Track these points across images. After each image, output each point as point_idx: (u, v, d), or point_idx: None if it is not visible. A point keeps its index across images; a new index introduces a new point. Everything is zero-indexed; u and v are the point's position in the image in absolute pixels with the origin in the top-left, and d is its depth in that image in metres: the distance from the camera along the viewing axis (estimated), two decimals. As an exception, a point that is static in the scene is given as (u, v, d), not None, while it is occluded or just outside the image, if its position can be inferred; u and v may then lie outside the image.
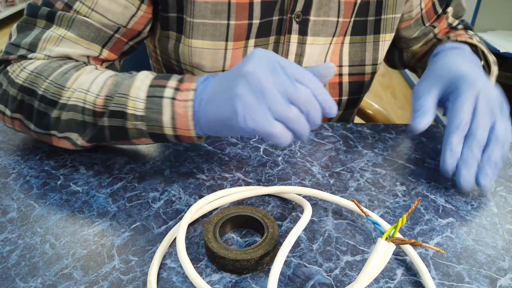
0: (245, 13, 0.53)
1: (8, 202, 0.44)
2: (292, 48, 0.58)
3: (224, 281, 0.36)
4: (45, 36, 0.50)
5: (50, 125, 0.47)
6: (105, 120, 0.45)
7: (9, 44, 0.51)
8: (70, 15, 0.50)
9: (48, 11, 0.50)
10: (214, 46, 0.55)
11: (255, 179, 0.49)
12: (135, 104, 0.44)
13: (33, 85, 0.47)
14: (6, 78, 0.48)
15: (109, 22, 0.52)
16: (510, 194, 0.47)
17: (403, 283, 0.36)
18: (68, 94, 0.46)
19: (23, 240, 0.40)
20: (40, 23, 0.51)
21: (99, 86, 0.46)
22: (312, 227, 0.42)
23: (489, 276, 0.37)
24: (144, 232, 0.41)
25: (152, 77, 0.46)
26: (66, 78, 0.47)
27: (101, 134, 0.46)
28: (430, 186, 0.48)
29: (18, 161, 0.51)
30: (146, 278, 0.36)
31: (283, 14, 0.55)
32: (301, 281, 0.36)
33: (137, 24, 0.54)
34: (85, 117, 0.46)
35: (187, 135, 0.44)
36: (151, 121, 0.44)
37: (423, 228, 0.42)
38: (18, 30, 0.51)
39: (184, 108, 0.43)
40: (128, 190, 0.46)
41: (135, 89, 0.44)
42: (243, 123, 0.38)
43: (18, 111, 0.48)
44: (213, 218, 0.40)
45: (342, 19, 0.57)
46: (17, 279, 0.36)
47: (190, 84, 0.44)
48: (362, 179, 0.49)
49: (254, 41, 0.56)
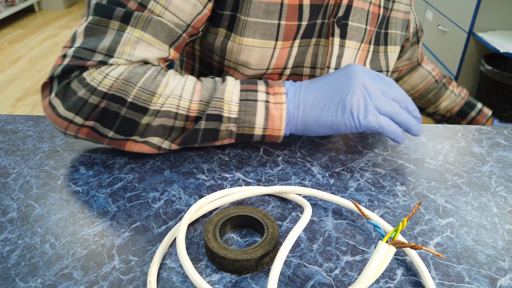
0: (295, 14, 0.55)
1: (8, 202, 0.44)
2: (335, 50, 0.60)
3: (224, 281, 0.36)
4: (123, 39, 0.48)
5: (134, 131, 0.47)
6: (201, 124, 0.48)
7: (78, 49, 0.47)
8: (146, 16, 0.49)
9: (124, 11, 0.48)
10: (264, 45, 0.56)
11: (255, 179, 0.49)
12: (230, 107, 0.48)
13: (121, 92, 0.46)
14: (83, 85, 0.46)
15: (179, 22, 0.51)
16: (510, 194, 0.47)
17: (403, 283, 0.36)
18: (161, 100, 0.47)
19: (23, 240, 0.40)
20: (114, 25, 0.48)
21: (190, 92, 0.48)
22: (312, 227, 0.42)
23: (489, 276, 0.37)
24: (144, 232, 0.41)
25: (239, 82, 0.50)
26: (156, 84, 0.47)
27: (194, 137, 0.49)
28: (430, 186, 0.48)
29: (18, 161, 0.51)
30: (146, 278, 0.36)
31: (325, 18, 0.58)
32: (301, 281, 0.36)
33: (198, 22, 0.54)
34: (176, 122, 0.48)
35: (275, 134, 0.50)
36: (243, 123, 0.49)
37: (423, 228, 0.42)
38: (87, 33, 0.48)
39: (279, 110, 0.49)
40: (128, 190, 0.46)
41: (228, 94, 0.48)
42: (357, 122, 0.48)
43: (94, 119, 0.47)
44: (213, 218, 0.40)
45: (369, 27, 0.61)
46: (17, 279, 0.36)
47: (279, 89, 0.50)
48: (362, 179, 0.49)
49: (299, 41, 0.58)
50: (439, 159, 0.53)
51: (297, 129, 0.51)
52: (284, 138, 0.57)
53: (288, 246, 0.35)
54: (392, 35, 0.66)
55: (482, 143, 0.57)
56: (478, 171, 0.51)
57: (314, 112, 0.49)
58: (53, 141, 0.55)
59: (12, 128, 0.58)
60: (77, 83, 0.46)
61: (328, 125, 0.49)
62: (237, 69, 0.59)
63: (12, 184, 0.47)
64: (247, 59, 0.57)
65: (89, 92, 0.46)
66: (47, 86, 0.48)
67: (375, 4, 0.61)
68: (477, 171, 0.51)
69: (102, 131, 0.48)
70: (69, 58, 0.47)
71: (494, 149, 0.56)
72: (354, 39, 0.61)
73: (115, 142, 0.49)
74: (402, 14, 0.67)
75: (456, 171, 0.51)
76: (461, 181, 0.49)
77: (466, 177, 0.50)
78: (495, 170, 0.51)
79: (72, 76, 0.46)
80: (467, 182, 0.49)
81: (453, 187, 0.48)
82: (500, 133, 0.60)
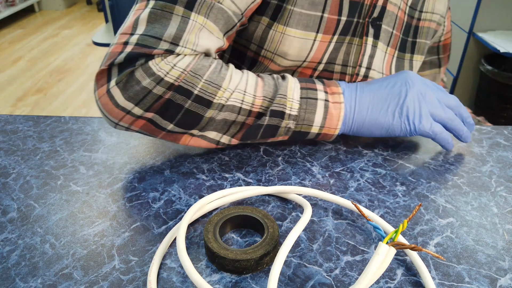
0: (336, 8, 0.55)
1: (8, 202, 0.44)
2: (368, 49, 0.61)
3: (224, 281, 0.36)
4: (188, 27, 0.46)
5: (196, 124, 0.47)
6: (265, 119, 0.48)
7: (143, 36, 0.45)
8: (209, 2, 0.47)
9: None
10: (305, 36, 0.56)
11: (255, 179, 0.49)
12: (292, 104, 0.49)
13: (188, 84, 0.45)
14: (148, 74, 0.44)
15: (236, 9, 0.50)
16: (510, 194, 0.47)
17: (403, 283, 0.36)
18: (226, 94, 0.46)
19: (23, 240, 0.40)
20: (178, 11, 0.46)
21: (253, 87, 0.48)
22: (312, 227, 0.42)
23: (489, 276, 0.37)
24: (144, 232, 0.41)
25: (298, 80, 0.51)
26: (221, 78, 0.47)
27: (255, 133, 0.49)
28: (430, 186, 0.48)
29: (18, 161, 0.51)
30: (146, 278, 0.36)
31: (360, 17, 0.58)
32: (301, 281, 0.36)
33: (249, 11, 0.53)
34: (238, 116, 0.48)
35: (330, 133, 0.52)
36: (302, 120, 0.49)
37: (423, 228, 0.42)
38: (151, 19, 0.46)
39: (338, 109, 0.50)
40: (128, 190, 0.46)
41: (291, 91, 0.49)
42: (412, 127, 0.50)
43: (155, 110, 0.45)
44: (213, 218, 0.40)
45: (395, 32, 0.62)
46: (17, 279, 0.36)
47: (336, 88, 0.51)
48: (362, 179, 0.49)
49: (337, 37, 0.58)
50: (439, 159, 0.53)
51: (351, 129, 0.52)
52: (284, 138, 0.57)
53: (288, 246, 0.35)
54: (420, 44, 0.66)
55: (482, 143, 0.57)
56: (478, 171, 0.51)
57: (370, 114, 0.51)
58: (53, 141, 0.55)
59: (12, 128, 0.58)
60: (142, 72, 0.44)
61: (383, 127, 0.51)
62: (274, 59, 0.58)
63: (12, 184, 0.47)
64: (287, 50, 0.56)
65: (154, 82, 0.44)
66: (103, 74, 0.46)
67: (402, 10, 0.61)
68: (477, 171, 0.51)
69: (161, 123, 0.47)
70: (132, 46, 0.45)
71: (494, 149, 0.56)
72: (382, 40, 0.61)
73: (171, 136, 0.48)
74: (435, 25, 0.67)
75: (456, 171, 0.51)
76: (461, 181, 0.49)
77: (466, 177, 0.50)
78: (495, 170, 0.51)
79: (136, 64, 0.44)
80: (467, 182, 0.49)
81: (453, 187, 0.48)
82: (500, 133, 0.60)
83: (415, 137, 0.58)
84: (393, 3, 0.59)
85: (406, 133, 0.51)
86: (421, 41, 0.66)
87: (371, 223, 0.35)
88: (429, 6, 0.64)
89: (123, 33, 0.46)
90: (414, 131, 0.50)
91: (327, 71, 0.61)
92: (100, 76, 0.46)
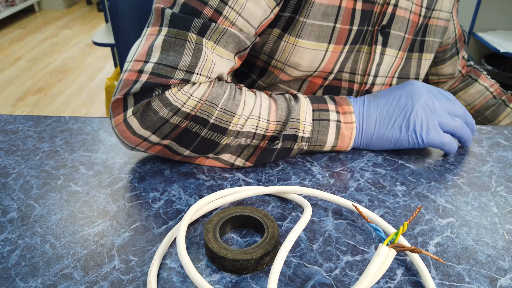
0: (349, 18, 0.55)
1: (8, 202, 0.44)
2: (376, 57, 0.61)
3: (224, 281, 0.36)
4: (203, 54, 0.46)
5: (211, 150, 0.48)
6: (278, 143, 0.49)
7: (158, 65, 0.44)
8: (222, 28, 0.47)
9: (201, 23, 0.46)
10: (317, 47, 0.56)
11: (255, 179, 0.49)
12: (305, 127, 0.50)
13: (204, 113, 0.45)
14: (165, 105, 0.44)
15: (250, 28, 0.50)
16: (510, 194, 0.47)
17: (403, 283, 0.36)
18: (241, 121, 0.47)
19: (23, 240, 0.40)
20: (192, 38, 0.46)
21: (267, 112, 0.49)
22: (312, 227, 0.42)
23: (489, 276, 0.37)
24: (144, 232, 0.41)
25: (310, 100, 0.52)
26: (235, 105, 0.47)
27: (269, 156, 0.50)
28: (430, 186, 0.48)
29: (18, 161, 0.51)
30: (146, 278, 0.36)
31: (369, 25, 0.58)
32: (301, 281, 0.36)
33: (262, 27, 0.53)
34: (252, 141, 0.49)
35: (341, 150, 0.54)
36: (315, 142, 0.51)
37: (423, 228, 0.42)
38: (165, 47, 0.45)
39: (350, 129, 0.51)
40: (128, 190, 0.46)
41: (303, 114, 0.50)
42: (420, 140, 0.50)
43: (172, 138, 0.46)
44: (213, 218, 0.40)
45: (407, 36, 0.62)
46: (17, 279, 0.36)
47: (348, 107, 0.52)
48: (362, 179, 0.49)
49: (348, 47, 0.58)
50: (439, 159, 0.53)
51: (361, 144, 0.53)
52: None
53: (288, 246, 0.35)
54: (429, 43, 0.66)
55: (482, 143, 0.57)
56: (478, 171, 0.51)
57: (378, 129, 0.52)
58: (53, 141, 0.55)
59: (12, 128, 0.58)
60: (159, 102, 0.44)
61: (392, 141, 0.52)
62: (285, 69, 0.58)
63: (12, 184, 0.47)
64: (298, 61, 0.56)
65: (171, 112, 0.44)
66: (119, 102, 0.45)
67: (415, 13, 0.61)
68: (477, 171, 0.51)
69: (177, 149, 0.47)
70: (147, 75, 0.44)
71: (494, 149, 0.56)
72: (393, 47, 0.61)
73: (187, 159, 0.50)
74: (443, 22, 0.67)
75: (456, 171, 0.51)
76: (461, 181, 0.49)
77: (466, 177, 0.50)
78: (495, 170, 0.51)
79: (153, 95, 0.44)
80: (467, 182, 0.49)
81: (453, 187, 0.48)
82: (500, 133, 0.60)
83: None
84: (404, 8, 0.59)
85: (415, 146, 0.51)
86: (430, 39, 0.66)
87: (371, 225, 0.35)
88: (438, 4, 0.64)
89: (137, 60, 0.46)
90: (423, 144, 0.51)
91: (336, 79, 0.61)
92: (115, 104, 0.46)
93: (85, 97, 2.55)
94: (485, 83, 0.86)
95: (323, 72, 0.58)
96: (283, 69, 0.58)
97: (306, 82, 0.60)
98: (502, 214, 0.44)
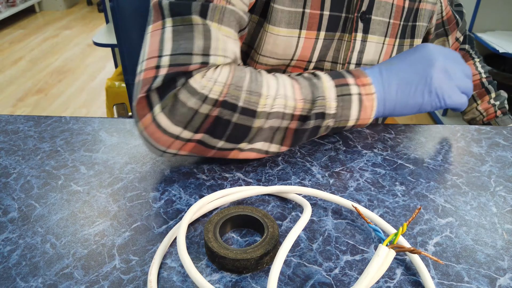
0: (318, 3, 0.55)
1: (9, 202, 0.44)
2: (357, 45, 0.60)
3: (224, 280, 0.36)
4: (212, 34, 0.45)
5: (245, 137, 0.46)
6: (309, 123, 0.48)
7: (173, 56, 0.44)
8: (221, 6, 0.46)
9: (200, 5, 0.45)
10: (289, 34, 0.56)
11: (255, 179, 0.49)
12: (330, 104, 0.49)
13: (232, 98, 0.44)
14: (192, 94, 0.43)
15: (243, 5, 0.50)
16: (509, 194, 0.47)
17: (402, 283, 0.36)
18: (269, 101, 0.46)
19: (24, 240, 0.40)
20: (197, 20, 0.45)
21: (291, 90, 0.48)
22: (312, 226, 0.42)
23: (489, 276, 0.37)
24: (145, 231, 0.41)
25: (330, 77, 0.51)
26: (259, 85, 0.46)
27: (301, 136, 0.50)
28: (430, 186, 0.48)
29: (19, 161, 0.51)
30: (146, 278, 0.36)
31: (349, 12, 0.58)
32: (301, 280, 0.36)
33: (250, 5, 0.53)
34: (282, 122, 0.47)
35: (364, 123, 0.52)
36: (340, 117, 0.50)
37: (423, 227, 0.42)
38: (175, 37, 0.45)
39: (371, 101, 0.51)
40: (129, 190, 0.46)
41: (327, 90, 0.49)
42: (442, 102, 0.52)
43: (204, 130, 0.45)
44: (213, 217, 0.40)
45: (393, 21, 0.62)
46: (18, 279, 0.36)
47: (365, 79, 0.51)
48: (361, 179, 0.49)
49: (324, 34, 0.58)
50: (439, 159, 0.53)
51: (383, 113, 0.53)
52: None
53: (288, 246, 0.36)
54: (419, 27, 0.66)
55: (481, 143, 0.57)
56: (477, 171, 0.51)
57: (400, 98, 0.52)
58: (53, 141, 0.55)
59: (12, 128, 0.58)
60: (185, 92, 0.43)
61: (414, 107, 0.52)
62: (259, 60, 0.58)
63: (13, 184, 0.47)
64: (272, 48, 0.56)
65: (200, 101, 0.43)
66: (142, 102, 0.44)
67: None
68: (476, 171, 0.51)
69: (211, 142, 0.46)
70: (166, 68, 0.43)
71: (493, 149, 0.56)
72: (377, 33, 0.61)
73: (221, 153, 0.48)
74: (430, 5, 0.67)
75: (456, 171, 0.51)
76: (460, 181, 0.49)
77: (465, 177, 0.50)
78: (494, 170, 0.52)
79: (178, 85, 0.43)
80: (466, 182, 0.49)
81: (452, 187, 0.48)
82: (499, 133, 0.60)
83: (414, 137, 0.58)
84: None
85: (437, 108, 0.53)
86: (420, 24, 0.66)
87: (371, 226, 0.35)
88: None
89: (150, 58, 0.45)
90: (445, 105, 0.52)
91: (318, 68, 0.61)
92: (139, 106, 0.44)
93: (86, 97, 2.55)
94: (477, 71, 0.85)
95: (301, 61, 0.58)
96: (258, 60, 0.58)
97: (286, 72, 0.60)
98: (501, 214, 0.44)
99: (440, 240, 0.41)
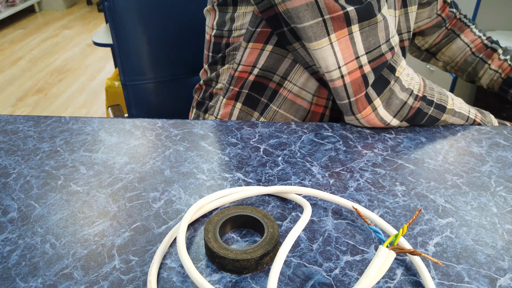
0: None
1: (9, 202, 0.44)
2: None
3: (224, 280, 0.36)
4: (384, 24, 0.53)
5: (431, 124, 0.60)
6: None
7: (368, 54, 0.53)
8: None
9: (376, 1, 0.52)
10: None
11: (255, 179, 0.49)
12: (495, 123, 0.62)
13: (429, 94, 0.56)
14: (402, 89, 0.54)
15: None
16: (509, 194, 0.47)
17: (402, 283, 0.36)
18: (456, 102, 0.58)
19: (24, 240, 0.40)
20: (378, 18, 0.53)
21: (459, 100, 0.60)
22: (312, 227, 0.42)
23: (489, 276, 0.37)
24: (144, 232, 0.41)
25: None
26: (435, 86, 0.57)
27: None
28: (430, 186, 0.48)
29: (19, 161, 0.51)
30: (146, 278, 0.36)
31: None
32: (301, 280, 0.36)
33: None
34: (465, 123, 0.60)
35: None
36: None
37: (423, 228, 0.42)
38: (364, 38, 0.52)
39: None
40: (128, 190, 0.46)
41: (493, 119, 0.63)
42: None
43: (406, 119, 0.57)
44: (213, 218, 0.40)
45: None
46: (17, 279, 0.36)
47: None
48: (362, 179, 0.49)
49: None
50: (439, 159, 0.53)
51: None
52: (283, 138, 0.57)
53: (288, 246, 0.36)
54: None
55: (481, 143, 0.57)
56: (477, 171, 0.51)
57: None
58: (53, 141, 0.55)
59: (12, 128, 0.58)
60: (398, 87, 0.54)
61: None
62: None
63: (13, 184, 0.47)
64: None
65: (408, 94, 0.54)
66: (362, 99, 0.54)
67: None
68: (476, 171, 0.51)
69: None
70: (367, 65, 0.52)
71: (493, 149, 0.56)
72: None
73: None
74: None
75: (456, 171, 0.51)
76: (461, 181, 0.49)
77: (465, 177, 0.50)
78: (495, 170, 0.52)
79: (391, 81, 0.54)
80: (467, 182, 0.49)
81: (452, 187, 0.48)
82: (500, 133, 0.60)
83: (414, 137, 0.58)
84: None
85: None
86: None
87: (371, 227, 0.35)
88: None
89: (348, 62, 0.52)
90: None
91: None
92: (360, 102, 0.55)
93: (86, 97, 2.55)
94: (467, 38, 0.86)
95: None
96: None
97: None
98: (501, 214, 0.44)
99: (440, 240, 0.41)
